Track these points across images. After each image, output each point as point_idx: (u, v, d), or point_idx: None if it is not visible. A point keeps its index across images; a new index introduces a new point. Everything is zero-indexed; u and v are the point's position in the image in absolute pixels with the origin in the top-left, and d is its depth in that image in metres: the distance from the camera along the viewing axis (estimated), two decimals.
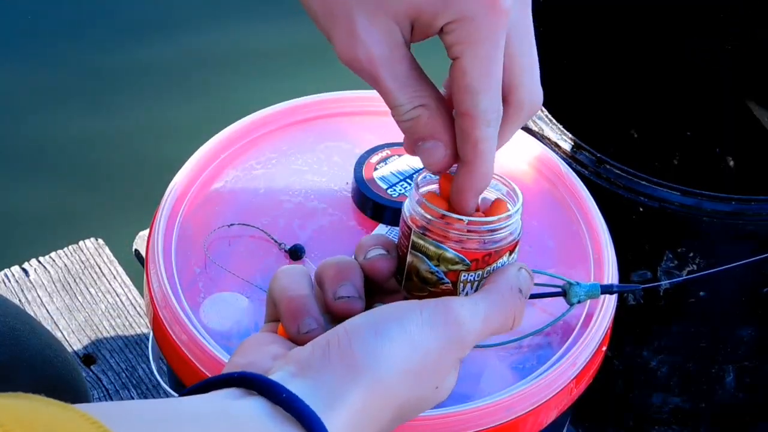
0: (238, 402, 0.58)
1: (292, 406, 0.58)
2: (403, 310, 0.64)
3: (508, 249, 0.70)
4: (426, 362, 0.63)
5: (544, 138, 1.10)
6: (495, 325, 0.65)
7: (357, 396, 0.60)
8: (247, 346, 0.64)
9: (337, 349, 0.61)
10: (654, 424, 1.26)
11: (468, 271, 0.69)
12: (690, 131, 1.43)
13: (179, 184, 0.91)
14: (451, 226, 0.66)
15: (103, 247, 1.44)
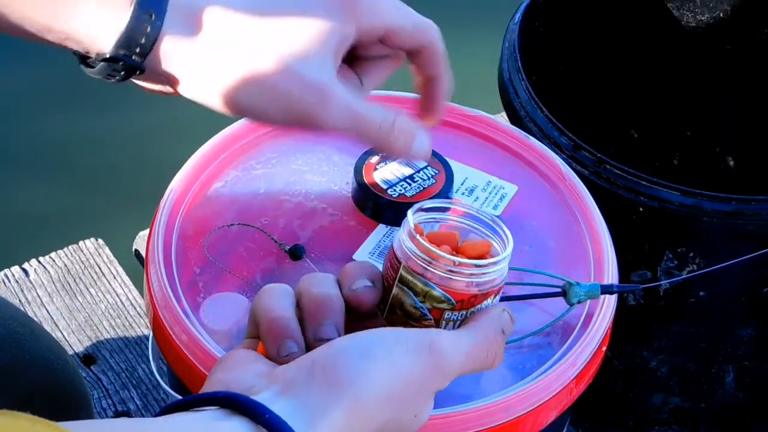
0: (222, 423, 0.59)
1: (274, 428, 0.58)
2: (390, 336, 0.65)
3: (494, 292, 0.71)
4: (408, 389, 0.64)
5: (544, 138, 1.10)
6: (476, 361, 0.67)
7: (338, 415, 0.60)
8: (230, 363, 0.65)
9: (321, 369, 0.61)
10: (654, 424, 1.26)
11: (452, 310, 0.69)
12: (690, 131, 1.43)
13: (179, 184, 0.91)
14: (439, 265, 0.67)
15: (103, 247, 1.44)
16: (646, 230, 1.10)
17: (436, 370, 0.64)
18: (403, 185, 0.91)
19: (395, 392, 0.62)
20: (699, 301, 1.15)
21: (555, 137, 1.10)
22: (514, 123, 1.12)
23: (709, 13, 1.36)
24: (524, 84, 1.13)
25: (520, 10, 1.21)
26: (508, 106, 1.15)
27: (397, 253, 0.68)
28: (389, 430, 0.63)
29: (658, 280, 1.13)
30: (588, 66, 1.38)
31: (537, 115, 1.11)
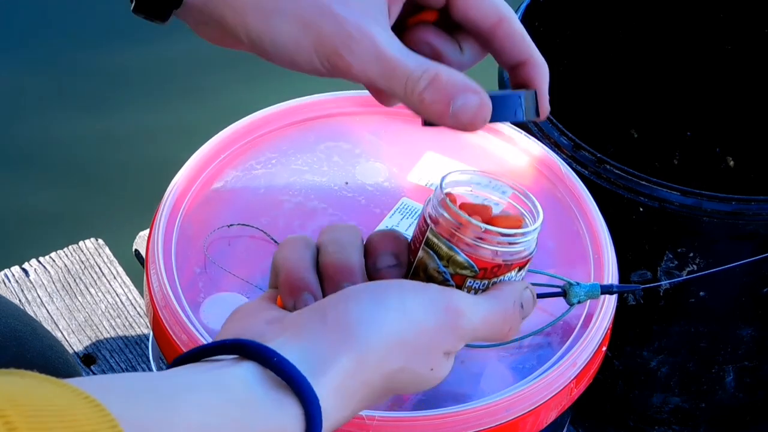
0: (229, 369, 0.58)
1: (282, 371, 0.58)
2: (406, 285, 0.64)
3: (518, 264, 0.70)
4: (420, 339, 0.62)
5: (544, 138, 1.10)
6: (492, 328, 0.65)
7: (348, 361, 0.60)
8: (241, 313, 0.65)
9: (333, 313, 0.61)
10: (654, 424, 1.26)
11: (474, 278, 0.69)
12: (690, 131, 1.43)
13: (179, 184, 0.91)
14: (467, 230, 0.66)
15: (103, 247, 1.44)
16: (646, 230, 1.10)
17: (449, 328, 0.63)
18: None
19: (406, 339, 0.62)
20: (699, 301, 1.15)
21: (555, 137, 1.10)
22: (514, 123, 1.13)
23: (709, 12, 1.36)
24: None
25: (520, 10, 1.21)
26: None
27: (426, 217, 0.68)
28: (405, 381, 0.63)
29: (658, 280, 1.13)
30: (588, 66, 1.38)
31: None
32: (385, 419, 0.76)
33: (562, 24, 1.32)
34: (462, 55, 0.68)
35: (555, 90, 1.34)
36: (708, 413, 1.25)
